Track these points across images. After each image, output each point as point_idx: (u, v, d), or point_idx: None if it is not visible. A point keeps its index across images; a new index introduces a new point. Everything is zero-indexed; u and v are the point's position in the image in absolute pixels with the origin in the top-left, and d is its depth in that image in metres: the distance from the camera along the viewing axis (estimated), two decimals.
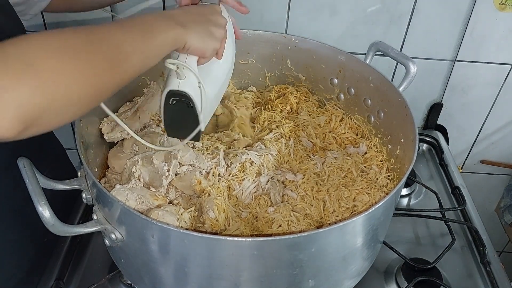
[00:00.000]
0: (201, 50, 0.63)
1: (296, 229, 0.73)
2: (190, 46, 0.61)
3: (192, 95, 0.65)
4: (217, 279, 0.65)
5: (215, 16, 0.67)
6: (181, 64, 0.63)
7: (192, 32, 0.60)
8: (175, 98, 0.65)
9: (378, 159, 0.86)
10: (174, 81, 0.64)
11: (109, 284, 0.84)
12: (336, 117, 0.96)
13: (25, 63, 0.42)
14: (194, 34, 0.60)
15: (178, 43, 0.59)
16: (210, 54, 0.65)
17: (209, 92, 0.69)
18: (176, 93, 0.65)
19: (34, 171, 0.66)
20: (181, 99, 0.65)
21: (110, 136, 0.84)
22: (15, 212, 0.79)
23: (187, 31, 0.59)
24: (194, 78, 0.65)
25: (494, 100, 1.24)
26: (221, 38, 0.67)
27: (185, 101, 0.65)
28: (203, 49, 0.63)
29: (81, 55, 0.46)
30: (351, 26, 1.12)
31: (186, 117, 0.68)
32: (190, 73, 0.64)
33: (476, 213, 1.03)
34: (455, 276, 0.90)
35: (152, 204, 0.73)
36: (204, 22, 0.64)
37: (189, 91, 0.64)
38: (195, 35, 0.61)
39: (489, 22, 1.10)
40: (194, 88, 0.65)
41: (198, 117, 0.67)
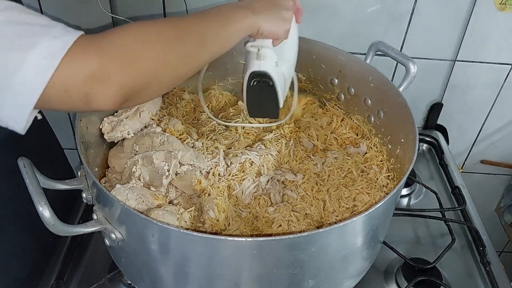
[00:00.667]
0: (274, 33, 0.68)
1: (296, 229, 0.73)
2: (264, 30, 0.66)
3: (272, 74, 0.70)
4: (217, 279, 0.65)
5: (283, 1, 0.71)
6: (261, 46, 0.69)
7: (264, 18, 0.65)
8: (256, 79, 0.71)
9: (378, 159, 0.86)
10: (254, 63, 0.70)
11: (109, 284, 0.84)
12: (337, 117, 0.96)
13: (127, 52, 0.49)
14: (265, 19, 0.66)
15: (252, 29, 0.65)
16: (283, 35, 0.70)
17: (284, 71, 0.75)
18: (257, 74, 0.70)
19: (34, 171, 0.66)
20: (262, 79, 0.70)
21: (110, 136, 0.84)
22: (18, 214, 0.79)
23: (259, 18, 0.65)
24: (271, 59, 0.70)
25: (494, 100, 1.24)
26: (290, 19, 0.72)
27: (266, 80, 0.70)
28: (275, 32, 0.68)
29: (172, 44, 0.54)
30: (351, 26, 1.12)
31: (267, 96, 0.73)
32: (268, 55, 0.70)
33: (476, 213, 1.03)
34: (455, 276, 0.90)
35: (152, 204, 0.73)
36: (275, 6, 0.69)
37: (269, 70, 0.70)
38: (267, 21, 0.66)
39: (489, 22, 1.10)
40: (273, 67, 0.71)
41: (278, 94, 0.72)
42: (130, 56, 0.49)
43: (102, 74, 0.47)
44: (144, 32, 0.52)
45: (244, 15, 0.63)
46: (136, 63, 0.50)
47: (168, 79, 0.55)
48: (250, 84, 0.72)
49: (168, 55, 0.53)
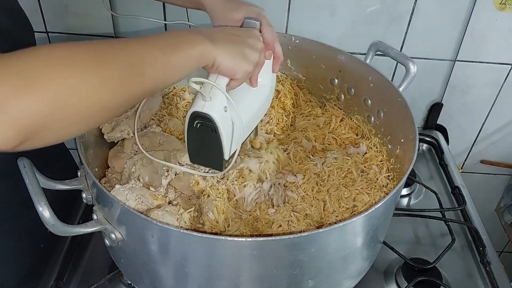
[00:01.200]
0: (231, 70, 0.59)
1: (296, 229, 0.73)
2: (220, 64, 0.57)
3: (216, 119, 0.61)
4: (217, 279, 0.65)
5: (251, 39, 0.63)
6: (208, 83, 0.60)
7: (223, 49, 0.57)
8: (199, 121, 0.62)
9: (378, 159, 0.86)
10: (199, 103, 0.61)
11: (109, 284, 0.83)
12: (336, 117, 0.96)
13: (30, 75, 0.40)
14: (225, 52, 0.57)
15: (206, 59, 0.56)
16: (241, 76, 0.61)
17: (237, 120, 0.65)
18: (199, 115, 0.61)
19: (34, 171, 0.66)
20: (205, 122, 0.61)
21: (110, 136, 0.84)
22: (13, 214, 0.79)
23: (217, 48, 0.56)
24: (221, 101, 0.61)
25: (494, 100, 1.24)
26: (255, 62, 0.63)
27: (209, 125, 0.61)
28: (234, 69, 0.59)
29: (89, 70, 0.44)
30: (351, 26, 1.12)
31: (210, 143, 0.64)
32: (217, 96, 0.61)
33: (476, 213, 1.03)
34: (455, 276, 0.90)
35: (151, 204, 0.73)
36: (239, 42, 0.61)
37: (214, 114, 0.60)
38: (226, 53, 0.57)
39: (489, 22, 1.10)
40: (220, 112, 0.61)
41: (222, 143, 0.63)
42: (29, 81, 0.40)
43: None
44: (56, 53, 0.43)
45: (197, 41, 0.54)
46: (35, 89, 0.40)
47: (85, 112, 0.44)
48: (193, 125, 0.62)
49: (83, 83, 0.43)
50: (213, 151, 0.65)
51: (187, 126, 0.63)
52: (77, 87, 0.43)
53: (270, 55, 0.71)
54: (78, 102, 0.43)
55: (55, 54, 0.43)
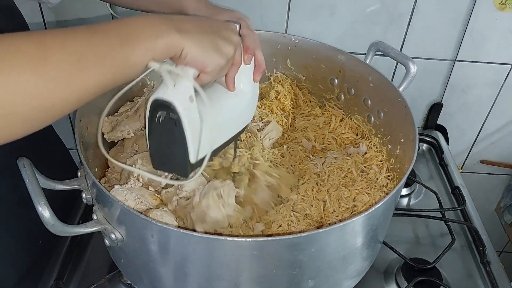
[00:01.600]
0: (201, 62, 0.53)
1: (296, 229, 0.73)
2: (187, 54, 0.51)
3: (178, 108, 0.52)
4: (217, 279, 0.65)
5: (227, 32, 0.58)
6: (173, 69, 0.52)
7: (192, 39, 0.51)
8: (161, 112, 0.53)
9: (378, 159, 0.86)
10: (161, 89, 0.52)
11: (109, 284, 0.83)
12: (336, 117, 0.96)
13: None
14: (194, 41, 0.51)
15: (173, 50, 0.50)
16: (212, 70, 0.55)
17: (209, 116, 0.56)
18: (161, 104, 0.52)
19: (34, 171, 0.66)
20: (168, 114, 0.53)
21: (110, 136, 0.84)
22: (11, 214, 0.79)
23: (185, 38, 0.51)
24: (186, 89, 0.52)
25: (494, 100, 1.24)
26: (229, 55, 0.57)
27: (172, 116, 0.53)
28: (203, 61, 0.53)
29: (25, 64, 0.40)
30: (351, 26, 1.12)
31: (174, 141, 0.55)
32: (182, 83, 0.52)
33: (476, 213, 1.03)
34: (455, 276, 0.90)
35: (151, 204, 0.73)
36: (212, 33, 0.55)
37: (176, 102, 0.52)
38: (195, 43, 0.51)
39: (489, 22, 1.10)
40: (184, 100, 0.52)
41: (186, 141, 0.54)
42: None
43: None
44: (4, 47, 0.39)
45: (163, 31, 0.49)
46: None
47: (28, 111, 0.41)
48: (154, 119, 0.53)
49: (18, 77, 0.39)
50: (177, 152, 0.56)
51: (148, 120, 0.55)
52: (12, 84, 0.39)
53: (249, 59, 0.65)
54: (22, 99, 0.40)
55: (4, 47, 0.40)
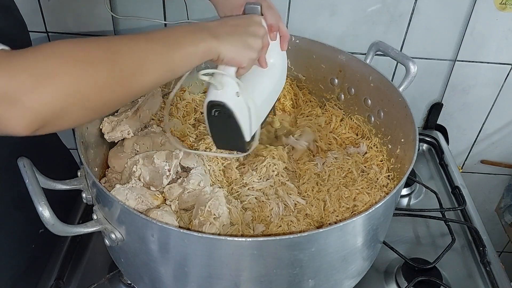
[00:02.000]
0: (236, 61, 0.62)
1: (296, 229, 0.73)
2: (224, 57, 0.60)
3: (230, 106, 0.64)
4: (217, 279, 0.65)
5: (253, 27, 0.66)
6: (217, 72, 0.63)
7: (226, 43, 0.60)
8: (216, 109, 0.65)
9: (378, 159, 0.86)
10: (212, 92, 0.64)
11: (109, 284, 0.84)
12: (337, 117, 0.96)
13: (47, 70, 0.44)
14: (227, 45, 0.60)
15: (211, 54, 0.59)
16: (247, 64, 0.64)
17: (252, 103, 0.68)
18: (215, 104, 0.64)
19: (34, 171, 0.66)
20: (222, 110, 0.65)
21: (110, 136, 0.84)
22: (13, 210, 0.79)
23: (220, 42, 0.59)
24: (232, 88, 0.64)
25: (494, 100, 1.24)
26: (259, 48, 0.66)
27: (226, 111, 0.65)
28: (238, 59, 0.62)
29: (100, 66, 0.48)
30: (351, 26, 1.12)
31: (230, 128, 0.67)
32: (228, 83, 0.64)
33: (476, 213, 1.03)
34: (455, 276, 0.90)
35: (152, 204, 0.73)
36: (241, 33, 0.63)
37: (227, 101, 0.64)
38: (229, 46, 0.60)
39: (489, 22, 1.10)
40: (232, 97, 0.64)
41: (240, 127, 0.66)
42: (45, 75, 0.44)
43: (9, 94, 0.42)
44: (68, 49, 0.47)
45: (201, 38, 0.57)
46: (51, 83, 0.44)
47: (94, 104, 0.49)
48: (211, 114, 0.66)
49: (94, 77, 0.47)
50: (234, 135, 0.68)
51: (206, 116, 0.67)
52: (89, 82, 0.47)
53: (275, 36, 0.73)
54: (89, 95, 0.47)
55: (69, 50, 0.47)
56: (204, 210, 0.71)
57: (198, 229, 0.70)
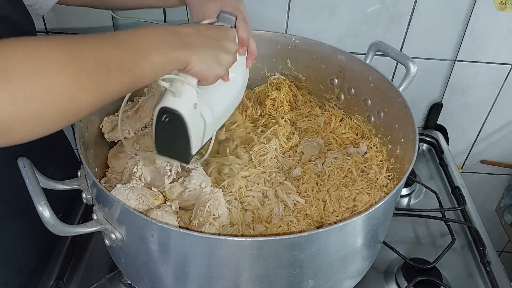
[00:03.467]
0: (202, 75, 0.60)
1: (296, 229, 0.73)
2: (192, 68, 0.58)
3: (185, 116, 0.61)
4: (217, 279, 0.65)
5: (227, 42, 0.64)
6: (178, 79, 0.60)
7: (197, 55, 0.57)
8: (168, 116, 0.61)
9: (378, 159, 0.86)
10: (168, 98, 0.61)
11: (109, 284, 0.84)
12: (336, 117, 0.96)
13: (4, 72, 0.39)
14: (198, 57, 0.57)
15: (180, 64, 0.56)
16: (212, 80, 0.62)
17: (207, 116, 0.65)
18: (168, 111, 0.61)
19: (34, 171, 0.66)
20: (174, 118, 0.61)
21: (110, 136, 0.84)
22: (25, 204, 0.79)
23: (191, 53, 0.57)
24: (190, 98, 0.61)
25: (494, 100, 1.24)
26: (228, 65, 0.64)
27: (178, 121, 0.61)
28: (205, 74, 0.60)
29: (59, 69, 0.43)
30: (351, 26, 1.12)
31: (178, 137, 0.64)
32: (187, 92, 0.60)
33: (476, 213, 1.03)
34: (455, 276, 0.90)
35: (152, 204, 0.73)
36: (214, 46, 0.61)
37: (183, 111, 0.60)
38: (200, 59, 0.58)
39: (489, 22, 1.10)
40: (189, 108, 0.61)
41: (190, 140, 0.63)
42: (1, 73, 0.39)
43: None
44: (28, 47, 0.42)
45: (171, 47, 0.54)
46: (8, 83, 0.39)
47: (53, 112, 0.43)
48: (161, 120, 0.62)
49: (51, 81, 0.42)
50: (180, 145, 0.65)
51: (156, 120, 0.63)
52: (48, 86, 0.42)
53: (244, 52, 0.71)
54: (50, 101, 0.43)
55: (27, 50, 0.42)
56: (203, 211, 0.71)
57: (198, 229, 0.70)
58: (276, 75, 1.02)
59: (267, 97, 0.99)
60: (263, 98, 1.00)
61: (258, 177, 0.82)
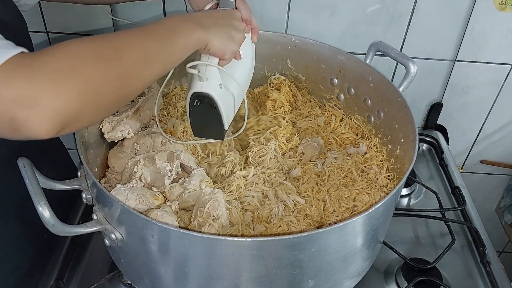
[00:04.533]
0: (221, 51, 0.66)
1: (296, 229, 0.73)
2: (212, 46, 0.64)
3: (214, 97, 0.68)
4: (217, 279, 0.65)
5: (235, 21, 0.70)
6: (203, 64, 0.67)
7: (214, 33, 0.64)
8: (199, 100, 0.69)
9: (378, 159, 0.86)
10: (197, 84, 0.68)
11: (109, 284, 0.83)
12: (336, 117, 0.96)
13: (63, 71, 0.45)
14: (215, 36, 0.64)
15: (200, 43, 0.62)
16: (229, 56, 0.68)
17: (232, 92, 0.73)
18: (199, 95, 0.69)
19: (34, 171, 0.66)
20: (205, 100, 0.69)
21: (110, 136, 0.83)
22: (19, 206, 0.79)
23: (209, 33, 0.63)
24: (215, 80, 0.68)
25: (494, 100, 1.24)
26: (240, 42, 0.70)
27: (209, 102, 0.69)
28: (223, 50, 0.66)
29: (111, 63, 0.50)
30: (351, 26, 1.12)
31: (211, 117, 0.72)
32: (212, 75, 0.68)
33: (476, 213, 1.03)
34: (455, 276, 0.90)
35: (152, 204, 0.73)
36: (226, 25, 0.67)
37: (212, 92, 0.68)
38: (217, 37, 0.64)
39: (489, 22, 1.10)
40: (216, 89, 0.69)
41: (222, 117, 0.71)
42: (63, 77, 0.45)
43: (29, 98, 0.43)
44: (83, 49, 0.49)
45: (191, 29, 0.61)
46: (69, 84, 0.45)
47: (109, 100, 0.51)
48: (193, 104, 0.70)
49: (107, 74, 0.49)
50: (214, 124, 0.73)
51: (189, 106, 0.71)
52: (104, 79, 0.49)
53: (249, 29, 0.77)
54: (102, 92, 0.49)
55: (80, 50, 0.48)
56: (203, 212, 0.71)
57: (197, 230, 0.70)
58: (276, 75, 1.02)
59: (267, 98, 0.99)
60: (263, 99, 1.00)
61: (257, 177, 0.81)
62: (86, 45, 0.49)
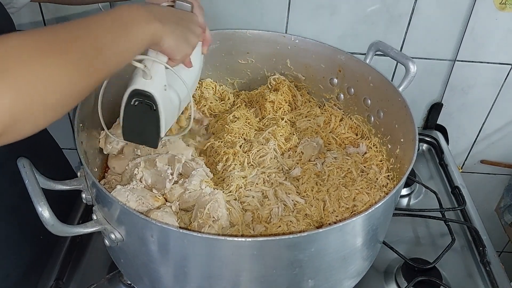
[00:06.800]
0: (173, 51, 0.61)
1: (296, 229, 0.73)
2: (165, 43, 0.59)
3: (157, 98, 0.62)
4: (217, 279, 0.65)
5: (193, 25, 0.67)
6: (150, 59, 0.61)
7: (170, 31, 0.59)
8: (138, 99, 0.62)
9: (378, 159, 0.86)
10: (139, 80, 0.61)
11: (109, 284, 0.83)
12: (336, 117, 0.96)
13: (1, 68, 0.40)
14: (171, 33, 0.59)
15: (155, 38, 0.58)
16: (180, 58, 0.64)
17: (174, 99, 0.67)
18: (140, 93, 0.61)
19: (33, 171, 0.66)
20: (145, 100, 0.62)
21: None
22: (11, 209, 0.79)
23: (166, 28, 0.58)
24: (161, 79, 0.62)
25: (494, 100, 1.24)
26: (194, 46, 0.67)
27: (149, 103, 0.62)
28: (175, 50, 0.62)
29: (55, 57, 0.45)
30: (351, 26, 1.12)
31: (147, 121, 0.64)
32: (157, 74, 0.62)
33: (476, 213, 1.03)
34: (455, 276, 0.90)
35: (152, 205, 0.73)
36: (184, 26, 0.63)
37: (155, 92, 0.61)
38: (172, 35, 0.60)
39: (489, 22, 1.10)
40: (160, 90, 0.62)
41: (160, 122, 0.64)
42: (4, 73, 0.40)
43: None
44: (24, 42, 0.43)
45: (148, 21, 0.56)
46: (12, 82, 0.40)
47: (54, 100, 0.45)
48: (131, 103, 0.62)
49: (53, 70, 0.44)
50: (150, 129, 0.65)
51: (125, 104, 0.63)
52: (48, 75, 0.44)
53: (202, 38, 0.74)
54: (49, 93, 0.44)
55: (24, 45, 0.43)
56: (203, 213, 0.71)
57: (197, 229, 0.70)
58: (275, 75, 1.02)
59: (265, 100, 0.99)
60: (261, 101, 0.99)
61: (257, 177, 0.81)
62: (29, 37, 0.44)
